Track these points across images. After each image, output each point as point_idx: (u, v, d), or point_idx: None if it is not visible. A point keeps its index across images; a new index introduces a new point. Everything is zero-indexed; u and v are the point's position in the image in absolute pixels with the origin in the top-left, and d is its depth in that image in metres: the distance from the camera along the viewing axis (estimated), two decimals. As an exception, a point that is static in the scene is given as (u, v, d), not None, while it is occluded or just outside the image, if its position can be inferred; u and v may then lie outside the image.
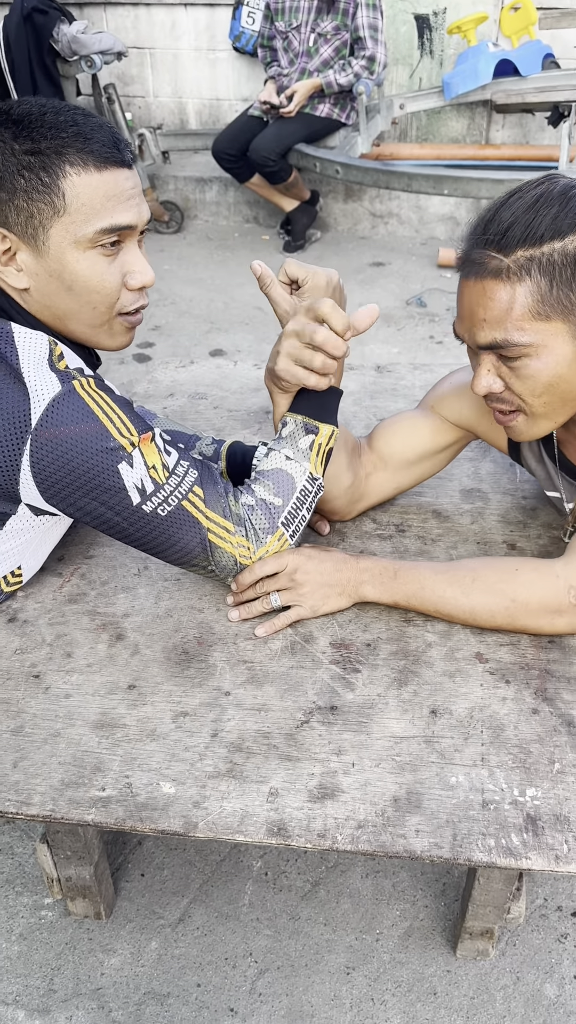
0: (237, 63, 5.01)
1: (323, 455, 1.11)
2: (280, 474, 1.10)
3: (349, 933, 1.42)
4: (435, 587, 1.09)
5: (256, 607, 1.13)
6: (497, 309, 0.94)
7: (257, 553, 1.08)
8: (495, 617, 1.08)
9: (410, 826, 0.89)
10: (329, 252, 4.45)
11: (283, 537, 1.10)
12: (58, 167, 0.95)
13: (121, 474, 0.99)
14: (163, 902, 1.47)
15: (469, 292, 0.96)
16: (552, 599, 1.06)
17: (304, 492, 1.10)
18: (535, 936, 1.41)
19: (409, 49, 4.63)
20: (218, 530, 1.05)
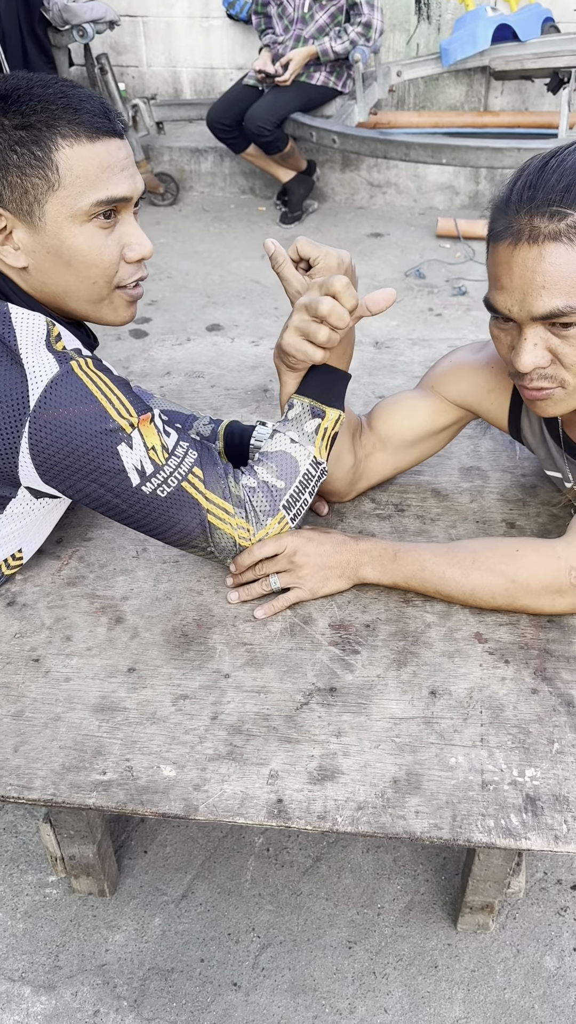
0: (231, 31, 4.92)
1: (328, 439, 1.11)
2: (284, 457, 1.09)
3: (351, 908, 1.43)
4: (435, 569, 1.09)
5: (255, 589, 1.13)
6: (558, 274, 0.89)
7: (257, 535, 1.08)
8: (495, 598, 1.08)
9: (410, 807, 0.90)
10: (327, 223, 4.40)
11: (284, 520, 1.09)
12: (50, 140, 0.94)
13: (120, 455, 0.98)
14: (166, 879, 1.48)
15: (522, 259, 0.90)
16: (553, 580, 1.05)
17: (307, 476, 1.10)
18: (535, 909, 1.43)
19: (406, 15, 4.54)
20: (217, 511, 1.05)
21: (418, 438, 1.26)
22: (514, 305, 0.93)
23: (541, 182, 0.90)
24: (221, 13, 4.86)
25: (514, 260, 0.91)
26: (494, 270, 0.94)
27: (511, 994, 1.32)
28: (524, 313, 0.93)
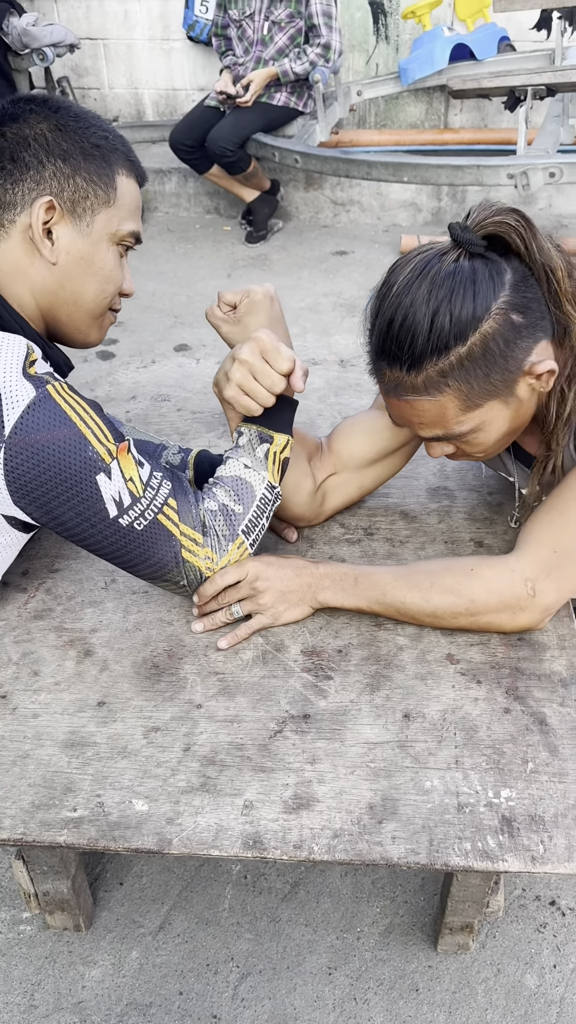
0: (192, 52, 4.95)
1: (279, 464, 1.11)
2: (239, 481, 1.09)
3: (330, 933, 1.42)
4: (395, 592, 1.09)
5: (218, 617, 1.12)
6: (429, 417, 1.01)
7: (219, 563, 1.07)
8: (458, 618, 1.08)
9: (386, 833, 0.89)
10: (292, 242, 4.42)
11: (243, 545, 1.09)
12: (115, 163, 1.07)
13: (99, 485, 0.97)
14: (143, 910, 1.46)
15: (396, 406, 1.03)
16: (510, 595, 1.06)
17: (264, 500, 1.10)
18: (514, 927, 1.42)
19: (365, 35, 4.60)
20: (189, 544, 1.05)
21: (379, 455, 1.27)
22: (404, 428, 1.09)
23: (391, 342, 0.97)
24: (181, 35, 4.89)
25: (391, 404, 1.04)
26: (383, 400, 1.08)
27: (493, 1015, 1.31)
28: (415, 435, 1.07)
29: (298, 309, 3.74)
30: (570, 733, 0.98)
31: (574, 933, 1.41)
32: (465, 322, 0.94)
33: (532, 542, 1.07)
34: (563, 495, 1.06)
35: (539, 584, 1.05)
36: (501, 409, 1.01)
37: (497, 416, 1.02)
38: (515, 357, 0.97)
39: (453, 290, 0.93)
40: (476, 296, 0.93)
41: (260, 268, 4.15)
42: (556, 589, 1.06)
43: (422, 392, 0.98)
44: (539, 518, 1.08)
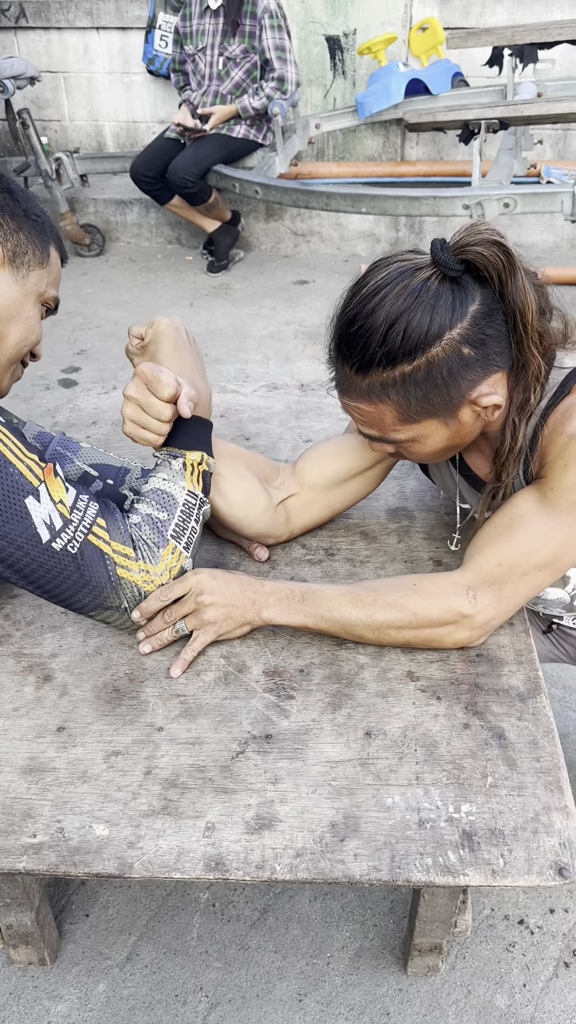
0: (152, 86, 5.02)
1: (198, 475, 1.13)
2: (159, 492, 1.11)
3: (300, 959, 1.41)
4: (341, 608, 1.10)
5: (165, 636, 1.12)
6: (369, 419, 1.04)
7: (156, 571, 1.08)
8: (402, 632, 1.09)
9: (348, 851, 0.89)
10: (253, 271, 4.47)
11: (176, 550, 1.10)
12: (49, 236, 1.15)
13: (29, 509, 0.97)
14: (109, 942, 1.44)
15: (344, 398, 1.06)
16: (452, 604, 1.06)
17: (188, 505, 1.12)
18: (484, 947, 1.42)
19: (322, 70, 4.70)
20: (122, 560, 1.05)
21: (348, 475, 1.28)
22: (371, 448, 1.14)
23: (347, 340, 1.00)
24: (141, 69, 4.96)
25: (341, 400, 1.07)
26: None
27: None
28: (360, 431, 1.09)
29: (260, 337, 3.77)
30: (528, 747, 0.99)
31: (543, 951, 1.42)
32: (415, 342, 0.96)
33: (477, 555, 1.08)
34: (510, 512, 1.07)
35: (480, 595, 1.06)
36: (439, 428, 1.04)
37: (435, 433, 1.04)
38: (458, 387, 0.99)
39: (414, 307, 0.95)
40: (432, 321, 0.95)
41: (222, 297, 4.19)
42: (496, 603, 1.07)
43: (364, 396, 1.01)
44: (485, 532, 1.09)
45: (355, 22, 4.54)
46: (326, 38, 4.62)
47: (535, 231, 4.38)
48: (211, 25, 4.04)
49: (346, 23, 4.56)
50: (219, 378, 3.44)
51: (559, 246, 4.43)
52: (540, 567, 1.06)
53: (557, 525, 1.03)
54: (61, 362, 3.57)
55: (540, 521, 1.04)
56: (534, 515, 1.05)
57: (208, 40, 4.06)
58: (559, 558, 1.05)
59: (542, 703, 1.05)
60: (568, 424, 1.02)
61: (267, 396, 1.71)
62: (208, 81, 4.11)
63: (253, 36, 3.97)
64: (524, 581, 1.06)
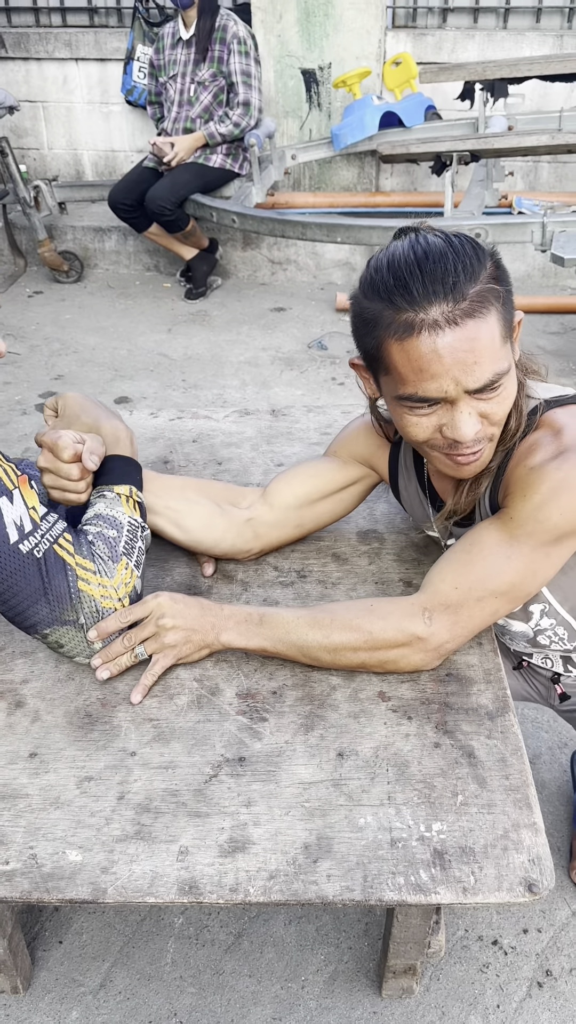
0: (131, 116, 5.08)
1: (132, 504, 1.16)
2: (104, 516, 1.14)
3: (274, 983, 1.41)
4: (298, 630, 1.10)
5: (123, 661, 1.12)
6: (483, 347, 0.96)
7: (112, 584, 1.09)
8: (357, 654, 1.09)
9: (321, 872, 0.90)
10: (231, 299, 4.51)
11: (128, 566, 1.12)
12: None
13: (1, 509, 0.99)
14: (83, 968, 1.43)
15: (448, 342, 0.95)
16: (407, 625, 1.07)
17: (132, 525, 1.14)
18: (458, 968, 1.43)
19: (298, 102, 4.79)
20: (83, 573, 1.07)
21: (319, 495, 1.30)
22: (450, 386, 0.98)
23: (427, 275, 0.95)
24: (120, 99, 5.02)
25: (439, 346, 0.95)
26: (415, 364, 0.97)
27: (438, 1059, 1.31)
28: (460, 390, 0.98)
29: (238, 363, 3.80)
30: (497, 765, 1.01)
31: (516, 972, 1.42)
32: (478, 252, 0.98)
33: (435, 578, 1.10)
34: (471, 538, 1.09)
35: (435, 617, 1.07)
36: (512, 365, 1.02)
37: (512, 374, 1.02)
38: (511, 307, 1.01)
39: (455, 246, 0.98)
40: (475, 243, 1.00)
41: (200, 324, 4.23)
42: (451, 627, 1.08)
43: (472, 314, 0.95)
44: (445, 557, 1.11)
45: (330, 56, 4.64)
46: (302, 71, 4.71)
47: (506, 260, 4.42)
48: (183, 55, 4.12)
49: (321, 57, 4.65)
50: (196, 403, 3.47)
51: (530, 275, 4.52)
52: (496, 594, 1.07)
53: (515, 554, 1.05)
54: (38, 387, 3.58)
55: (499, 548, 1.06)
56: (493, 543, 1.06)
57: (179, 68, 4.14)
58: (516, 587, 1.07)
59: (510, 721, 1.07)
60: (531, 456, 1.05)
61: (239, 421, 1.73)
62: (178, 108, 4.19)
63: (221, 61, 4.06)
64: (480, 607, 1.08)
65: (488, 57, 4.57)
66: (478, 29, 4.67)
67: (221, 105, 4.15)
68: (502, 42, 4.56)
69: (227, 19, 4.03)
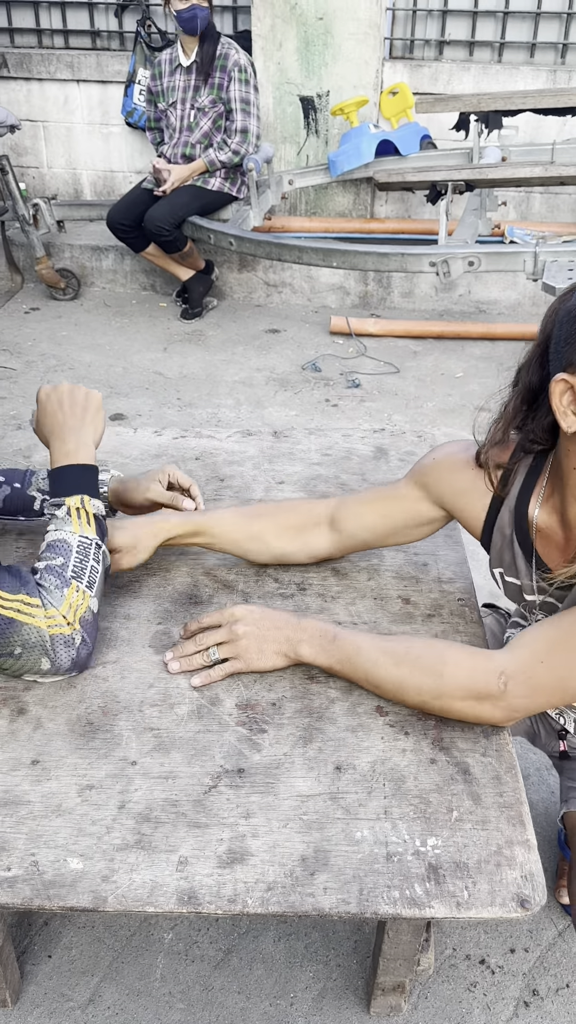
0: (130, 137, 5.14)
1: (85, 517, 1.16)
2: (53, 543, 1.14)
3: (263, 1000, 1.41)
4: (369, 653, 1.10)
5: (196, 660, 1.16)
6: None
7: (61, 611, 1.09)
8: (421, 691, 1.07)
9: (318, 884, 0.91)
10: (226, 320, 4.56)
11: (80, 589, 1.11)
12: None
13: None
14: (72, 983, 1.42)
15: None
16: (482, 681, 1.03)
17: (81, 546, 1.14)
18: (446, 987, 1.43)
19: (296, 128, 4.86)
20: (18, 605, 1.06)
21: (388, 532, 1.29)
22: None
23: None
24: (120, 121, 5.09)
25: None
26: None
27: (426, 1077, 1.31)
28: None
29: (232, 383, 3.84)
30: (491, 782, 1.03)
31: (503, 991, 1.43)
32: None
33: (523, 646, 1.05)
34: (571, 617, 1.03)
35: (512, 684, 1.02)
36: None
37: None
38: None
39: None
40: None
41: (195, 343, 4.26)
42: (528, 696, 1.03)
43: None
44: (539, 628, 1.06)
45: (328, 84, 4.72)
46: (300, 98, 4.78)
47: (498, 289, 4.53)
48: (182, 81, 4.18)
49: (320, 85, 4.73)
50: (192, 422, 3.49)
51: (521, 304, 4.59)
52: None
53: None
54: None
55: None
56: None
57: (179, 95, 4.20)
58: None
59: (505, 739, 1.08)
60: None
61: (241, 441, 1.76)
62: (179, 133, 4.25)
63: (221, 88, 4.13)
64: (560, 691, 1.04)
65: (483, 89, 4.67)
66: (473, 62, 4.76)
67: (220, 131, 4.21)
68: (497, 75, 4.66)
69: (228, 47, 4.10)
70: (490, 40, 4.74)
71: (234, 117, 4.14)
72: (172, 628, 1.25)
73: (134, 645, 1.22)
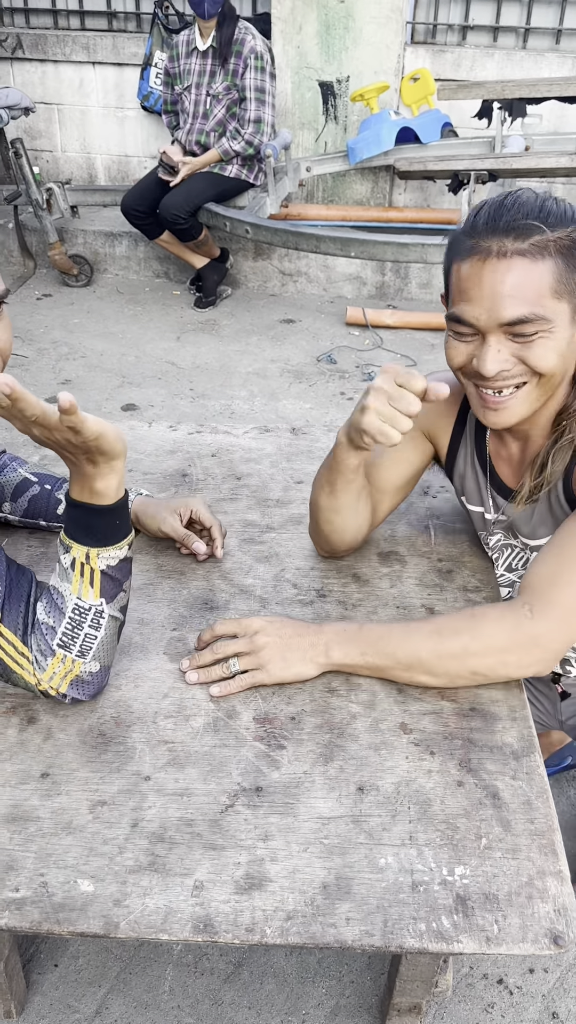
0: (145, 121, 5.07)
1: (88, 575, 0.97)
2: (54, 592, 1.01)
3: (274, 1016, 1.37)
4: (399, 635, 1.10)
5: (215, 672, 1.11)
6: (522, 285, 1.00)
7: (44, 678, 1.01)
8: (468, 660, 1.08)
9: (340, 914, 0.87)
10: (240, 308, 4.49)
11: (67, 658, 1.00)
12: None
13: None
14: (79, 994, 1.39)
15: (491, 271, 1.01)
16: (516, 626, 1.06)
17: (77, 611, 0.99)
18: (462, 1007, 1.39)
19: (315, 114, 4.78)
20: (11, 650, 0.99)
21: (406, 482, 1.32)
22: (482, 314, 1.03)
23: (503, 212, 1.02)
24: (135, 104, 5.01)
25: (483, 273, 1.02)
26: (462, 285, 1.04)
27: None
28: (491, 321, 1.02)
29: (246, 374, 3.78)
30: (522, 807, 0.98)
31: (522, 1013, 1.39)
32: (570, 215, 1.02)
33: (531, 579, 1.09)
34: (562, 536, 1.09)
35: (538, 614, 1.06)
36: (569, 323, 1.03)
37: (565, 328, 1.03)
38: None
39: (557, 200, 1.04)
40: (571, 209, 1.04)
41: (209, 333, 4.20)
42: (558, 622, 1.06)
43: (523, 255, 1.00)
44: (539, 561, 1.10)
45: (348, 69, 4.63)
46: (320, 84, 4.70)
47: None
48: (197, 65, 4.10)
49: (340, 70, 4.65)
50: (205, 414, 3.44)
51: (541, 296, 4.51)
52: None
53: None
54: (45, 391, 3.55)
55: None
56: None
57: (194, 79, 4.12)
58: None
59: (536, 762, 1.04)
60: None
61: (258, 438, 1.71)
62: (193, 119, 4.18)
63: (236, 74, 4.04)
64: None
65: (507, 76, 4.57)
66: (497, 48, 4.67)
67: (234, 118, 4.14)
68: (521, 62, 4.57)
69: (245, 32, 4.02)
70: (515, 25, 4.64)
71: (247, 106, 4.06)
72: (188, 635, 1.20)
73: (148, 652, 1.18)
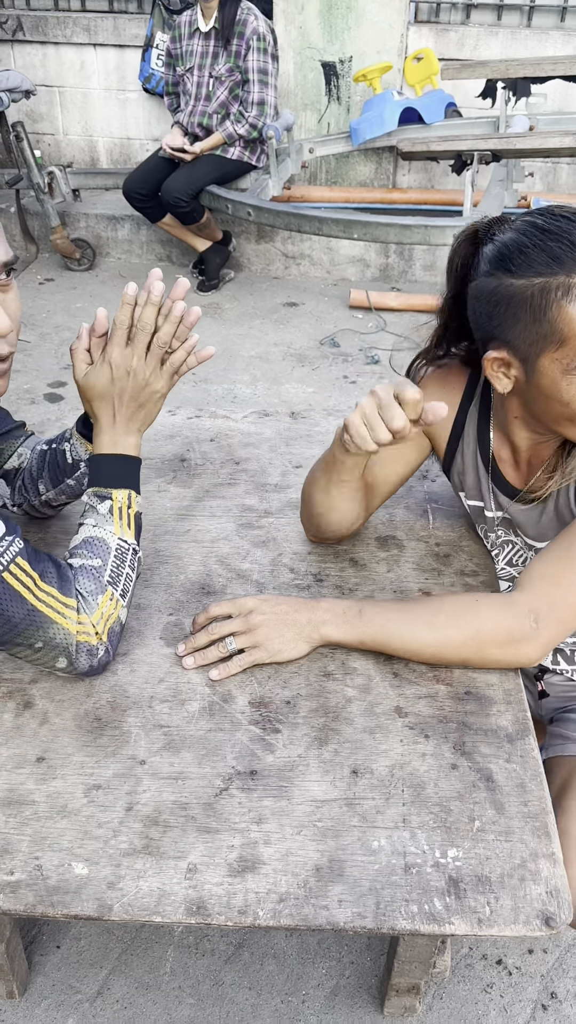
0: (147, 103, 5.03)
1: (127, 518, 1.08)
2: (91, 540, 1.06)
3: (275, 996, 1.38)
4: (401, 623, 1.10)
5: (211, 653, 1.11)
6: None
7: (92, 619, 1.02)
8: (461, 650, 1.09)
9: (332, 896, 0.87)
10: (243, 292, 4.47)
11: (114, 597, 1.05)
12: None
13: None
14: (80, 975, 1.40)
15: None
16: (515, 626, 1.07)
17: (120, 550, 1.07)
18: (461, 988, 1.40)
19: (317, 95, 4.74)
20: (52, 601, 0.99)
21: (400, 479, 1.31)
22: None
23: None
24: (137, 87, 4.98)
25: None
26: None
27: (440, 1080, 1.28)
28: None
29: (249, 358, 3.77)
30: (515, 790, 0.98)
31: (521, 993, 1.40)
32: None
33: (536, 578, 1.10)
34: (569, 536, 1.10)
35: (541, 617, 1.07)
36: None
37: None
38: None
39: None
40: None
41: (212, 316, 4.19)
42: (558, 623, 1.08)
43: None
44: (542, 559, 1.11)
45: (351, 49, 4.59)
46: (322, 64, 4.65)
47: (523, 262, 4.42)
48: (200, 46, 4.07)
49: (342, 50, 4.60)
50: (207, 397, 3.43)
51: (547, 277, 4.47)
52: None
53: None
54: (47, 376, 3.54)
55: None
56: None
57: (196, 61, 4.09)
58: None
59: (530, 745, 1.04)
60: None
61: (257, 422, 1.70)
62: (195, 101, 4.14)
63: (239, 56, 4.01)
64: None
65: (511, 55, 4.52)
66: (502, 26, 4.61)
67: (236, 100, 4.10)
68: (525, 40, 4.51)
69: (247, 13, 3.98)
70: (519, 4, 4.58)
71: (251, 88, 4.02)
72: (184, 619, 1.20)
73: (144, 637, 1.18)
